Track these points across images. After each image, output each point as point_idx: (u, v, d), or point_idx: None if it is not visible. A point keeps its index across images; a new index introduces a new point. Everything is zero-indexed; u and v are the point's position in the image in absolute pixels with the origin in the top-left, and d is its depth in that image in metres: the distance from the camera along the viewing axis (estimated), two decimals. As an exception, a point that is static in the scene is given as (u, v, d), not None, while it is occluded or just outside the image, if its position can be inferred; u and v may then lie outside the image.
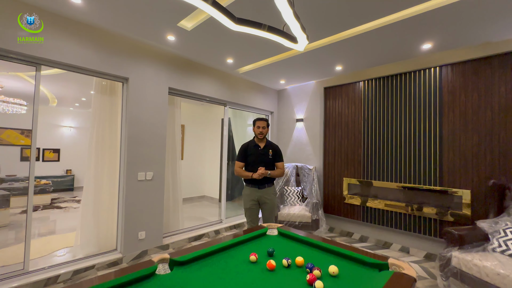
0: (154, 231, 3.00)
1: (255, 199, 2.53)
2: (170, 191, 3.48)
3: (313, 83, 4.30)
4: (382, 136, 3.44)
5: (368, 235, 3.56)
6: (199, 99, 3.67)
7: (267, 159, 2.56)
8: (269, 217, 2.61)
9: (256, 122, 2.59)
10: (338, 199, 3.87)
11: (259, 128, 2.56)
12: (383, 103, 3.45)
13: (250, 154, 2.57)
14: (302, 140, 4.42)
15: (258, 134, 2.56)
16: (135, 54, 2.86)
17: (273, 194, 2.61)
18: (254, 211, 2.56)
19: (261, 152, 2.56)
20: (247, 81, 4.29)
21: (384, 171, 3.39)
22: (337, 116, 3.96)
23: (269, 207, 2.56)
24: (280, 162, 2.63)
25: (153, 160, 3.00)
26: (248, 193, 2.57)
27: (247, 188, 2.59)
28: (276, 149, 2.64)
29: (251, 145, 2.60)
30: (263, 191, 2.54)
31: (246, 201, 2.57)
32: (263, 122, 2.58)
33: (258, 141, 2.61)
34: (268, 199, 2.55)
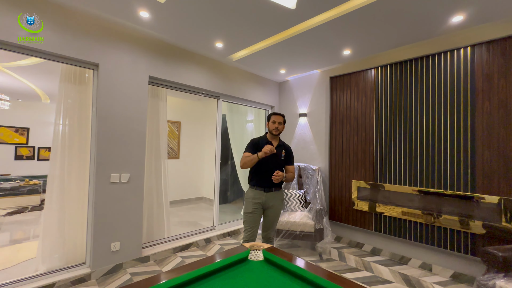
0: (130, 241, 2.60)
1: (259, 203, 2.19)
2: (154, 195, 3.09)
3: (317, 73, 3.81)
4: (399, 132, 2.92)
5: (382, 247, 3.05)
6: (188, 90, 3.25)
7: (279, 160, 2.26)
8: (270, 224, 2.27)
9: (272, 117, 2.30)
10: (346, 205, 3.38)
11: (274, 124, 2.26)
12: (400, 93, 2.93)
13: (259, 149, 2.20)
14: (305, 137, 3.94)
15: (273, 129, 2.26)
16: (106, 36, 2.46)
17: (280, 199, 2.30)
18: (256, 217, 2.20)
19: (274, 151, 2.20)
20: (244, 71, 3.85)
21: (402, 173, 2.88)
22: (345, 110, 3.45)
23: (273, 212, 2.25)
24: (292, 165, 2.34)
25: (130, 160, 2.60)
26: (252, 196, 2.23)
27: (251, 190, 2.26)
28: (289, 151, 2.37)
29: (263, 142, 2.26)
30: (270, 195, 2.22)
31: (248, 205, 2.21)
32: (280, 117, 2.29)
33: (271, 138, 2.31)
34: (274, 205, 2.23)
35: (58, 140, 2.41)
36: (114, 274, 2.45)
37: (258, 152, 2.12)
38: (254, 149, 2.23)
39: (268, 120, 2.31)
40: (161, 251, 2.85)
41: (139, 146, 2.68)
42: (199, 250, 3.09)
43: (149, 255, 2.74)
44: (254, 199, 2.20)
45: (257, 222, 2.19)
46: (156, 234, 3.06)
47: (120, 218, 2.53)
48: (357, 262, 2.86)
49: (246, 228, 2.18)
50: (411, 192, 2.78)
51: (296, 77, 4.09)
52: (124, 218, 2.56)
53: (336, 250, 3.16)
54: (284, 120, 2.31)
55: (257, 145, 2.25)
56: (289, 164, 2.32)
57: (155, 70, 2.82)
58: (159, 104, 3.14)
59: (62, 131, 2.43)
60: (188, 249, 3.10)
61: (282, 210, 2.34)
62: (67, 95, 2.46)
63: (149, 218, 3.03)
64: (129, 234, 2.59)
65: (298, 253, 3.05)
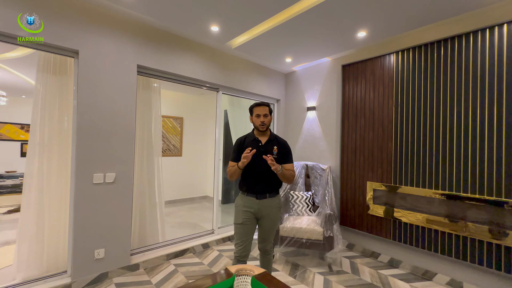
0: (117, 247, 2.36)
1: (251, 212, 1.85)
2: (146, 196, 2.83)
3: (327, 62, 3.42)
4: (423, 126, 2.51)
5: (401, 258, 2.66)
6: (182, 81, 2.96)
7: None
8: (267, 235, 1.92)
9: (254, 109, 1.91)
10: (359, 209, 3.00)
11: (259, 117, 1.87)
12: (424, 81, 2.51)
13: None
14: (314, 133, 3.57)
15: (259, 125, 1.87)
16: (86, 19, 2.19)
17: (276, 207, 1.91)
18: (247, 229, 1.85)
19: (263, 149, 1.85)
20: (246, 61, 3.51)
21: (426, 174, 2.47)
22: (359, 102, 3.05)
23: (268, 223, 1.89)
24: (289, 163, 1.90)
25: (115, 158, 2.34)
26: (241, 204, 1.89)
27: (241, 197, 1.92)
28: (284, 146, 1.93)
29: (249, 140, 1.92)
30: (263, 203, 1.85)
31: (238, 214, 1.88)
32: (264, 108, 1.88)
33: (258, 134, 1.93)
34: (268, 214, 1.88)
35: (36, 135, 2.18)
36: (98, 284, 2.21)
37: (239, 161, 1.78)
38: (239, 152, 1.87)
39: (251, 114, 1.92)
40: (153, 258, 2.59)
41: (127, 142, 2.42)
42: (195, 257, 2.82)
43: (138, 263, 2.49)
44: (244, 207, 1.85)
45: (249, 234, 1.85)
46: (149, 239, 2.81)
47: (105, 223, 2.28)
48: (372, 275, 2.49)
49: (237, 241, 1.85)
50: (435, 197, 2.37)
51: (303, 66, 3.71)
52: (110, 223, 2.31)
53: (348, 260, 2.80)
54: (270, 110, 1.90)
55: (242, 146, 1.90)
56: (286, 162, 1.88)
57: (144, 58, 2.53)
58: (151, 96, 2.87)
59: (40, 125, 2.20)
60: (184, 255, 2.83)
61: (279, 219, 1.98)
62: (46, 86, 2.22)
63: (141, 221, 2.78)
64: (115, 240, 2.34)
65: (305, 263, 2.72)
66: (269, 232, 1.90)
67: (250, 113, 1.94)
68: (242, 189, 1.90)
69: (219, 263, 2.68)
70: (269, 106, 1.91)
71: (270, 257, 1.99)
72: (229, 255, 2.87)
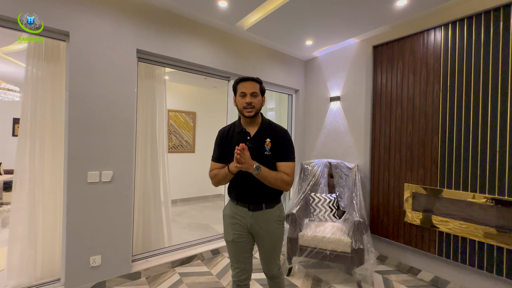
0: (116, 254, 2.12)
1: (242, 226, 1.39)
2: (150, 196, 2.58)
3: (354, 44, 2.94)
4: (482, 116, 1.99)
5: (449, 278, 2.18)
6: (189, 69, 2.65)
7: (262, 155, 1.35)
8: (268, 257, 1.46)
9: (238, 86, 1.39)
10: (394, 216, 2.54)
11: (244, 97, 1.36)
12: (481, 60, 1.99)
13: (233, 148, 1.32)
14: (338, 126, 3.13)
15: (245, 109, 1.35)
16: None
17: (276, 221, 1.41)
18: (241, 247, 1.40)
19: (251, 143, 1.36)
20: (260, 46, 3.14)
21: (486, 177, 1.96)
22: (394, 89, 2.57)
23: (268, 241, 1.41)
24: (287, 161, 1.37)
25: (112, 155, 2.09)
26: (229, 214, 1.43)
27: (230, 206, 1.46)
28: (280, 136, 1.40)
29: (233, 131, 1.44)
30: (258, 216, 1.38)
31: (226, 229, 1.44)
32: (252, 84, 1.37)
33: (245, 123, 1.42)
34: (267, 231, 1.39)
35: (26, 127, 1.98)
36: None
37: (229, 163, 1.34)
38: (222, 148, 1.43)
39: (234, 93, 1.42)
40: (156, 266, 2.33)
41: (126, 137, 2.16)
42: (203, 264, 2.53)
43: (140, 271, 2.24)
44: (233, 219, 1.40)
45: (245, 252, 1.41)
46: (153, 243, 2.56)
47: (102, 226, 2.04)
48: (413, 298, 2.05)
49: (232, 263, 1.44)
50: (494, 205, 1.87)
51: (326, 51, 3.26)
52: (107, 226, 2.07)
53: (380, 277, 2.36)
54: (261, 88, 1.40)
55: (225, 140, 1.42)
56: (282, 159, 1.36)
57: (144, 42, 2.25)
58: (155, 86, 2.60)
59: (31, 117, 1.99)
60: (191, 262, 2.55)
61: (282, 234, 1.47)
62: (37, 74, 2.00)
63: (144, 224, 2.53)
64: (114, 246, 2.10)
65: (328, 278, 2.32)
66: (270, 253, 1.45)
67: (234, 92, 1.43)
68: (231, 196, 1.44)
69: (228, 274, 2.37)
70: (260, 83, 1.40)
71: (280, 280, 1.54)
72: (241, 264, 2.54)
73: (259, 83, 1.41)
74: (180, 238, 3.06)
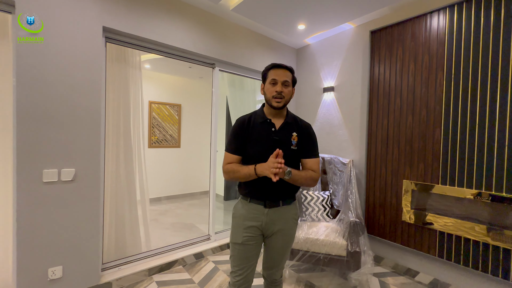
0: (82, 263, 1.84)
1: (256, 227, 1.24)
2: (124, 196, 2.30)
3: (350, 30, 2.72)
4: (490, 106, 1.82)
5: (448, 280, 2.04)
6: (168, 53, 2.36)
7: (288, 150, 1.22)
8: (277, 259, 1.33)
9: (269, 72, 1.25)
10: (392, 215, 2.37)
11: (275, 85, 1.22)
12: (493, 46, 1.81)
13: (254, 139, 1.23)
14: (331, 119, 2.92)
15: (274, 98, 1.21)
16: (28, -40, 1.60)
17: (292, 219, 1.30)
18: (250, 252, 1.25)
19: (277, 136, 1.23)
20: (248, 30, 2.86)
21: (493, 174, 1.80)
22: (393, 78, 2.37)
23: (280, 241, 1.28)
24: (314, 158, 1.27)
25: (74, 150, 1.79)
26: (242, 214, 1.27)
27: (242, 204, 1.29)
28: (307, 132, 1.30)
29: (257, 121, 1.27)
30: (274, 214, 1.24)
31: (236, 230, 1.27)
32: (285, 72, 1.23)
33: (270, 114, 1.27)
34: (282, 229, 1.26)
35: (-34, 119, 1.65)
36: (54, 311, 1.71)
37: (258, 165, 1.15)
38: (241, 139, 1.25)
39: (264, 80, 1.28)
40: (131, 274, 2.07)
41: (91, 129, 1.86)
42: (184, 270, 2.29)
43: (111, 281, 1.97)
44: (246, 220, 1.25)
45: (252, 259, 1.26)
46: (129, 249, 2.29)
47: (62, 233, 1.76)
48: (412, 305, 1.89)
49: (235, 269, 1.26)
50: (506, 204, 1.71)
51: (319, 38, 3.02)
52: (69, 232, 1.79)
53: (377, 280, 2.20)
54: (293, 78, 1.27)
55: (245, 131, 1.25)
56: (309, 155, 1.26)
57: (113, 19, 1.94)
58: (128, 72, 2.29)
59: (-28, 107, 1.67)
60: (171, 268, 2.30)
61: (295, 236, 1.38)
62: (-22, 54, 1.67)
63: (118, 227, 2.26)
64: (78, 254, 1.83)
65: (322, 283, 2.13)
66: (280, 255, 1.31)
67: (263, 79, 1.29)
68: (243, 192, 1.27)
69: (213, 281, 2.14)
70: (293, 72, 1.26)
71: (280, 287, 1.41)
72: (227, 269, 2.32)
73: (292, 72, 1.28)
74: (161, 240, 2.80)
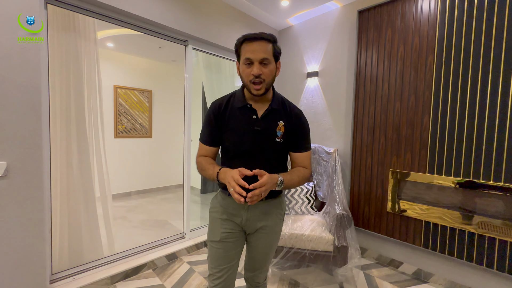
0: (23, 276, 1.50)
1: (235, 223, 1.06)
2: (79, 193, 1.94)
3: (337, 9, 2.53)
4: (481, 92, 1.74)
5: (433, 271, 2.01)
6: (131, 24, 1.99)
7: (272, 143, 1.01)
8: (261, 260, 1.14)
9: (242, 47, 0.97)
10: (377, 206, 2.29)
11: (250, 66, 0.95)
12: (487, 30, 1.72)
13: (231, 128, 1.02)
14: (315, 106, 2.76)
15: (251, 81, 0.95)
16: None
17: (277, 214, 1.10)
18: (230, 250, 1.05)
19: (257, 125, 1.00)
20: (226, 5, 2.55)
21: (482, 162, 1.74)
22: (381, 63, 2.24)
23: (264, 240, 1.10)
24: (305, 151, 1.08)
25: (4, 138, 1.42)
26: (220, 209, 1.08)
27: (220, 197, 1.10)
28: (298, 120, 1.07)
29: (235, 106, 1.04)
30: (256, 210, 1.04)
31: (214, 226, 1.08)
32: (261, 44, 0.94)
33: (251, 97, 1.03)
34: (265, 226, 1.07)
35: None
36: None
37: (219, 167, 0.98)
38: (214, 127, 1.04)
39: (238, 58, 1.01)
40: (89, 284, 1.76)
41: (27, 112, 1.49)
42: (154, 275, 2.02)
43: (63, 294, 1.66)
44: (224, 214, 1.05)
45: (233, 258, 1.05)
46: (86, 254, 1.96)
47: (-8, 242, 1.40)
48: (399, 298, 1.83)
49: (212, 271, 1.06)
50: (497, 193, 1.67)
51: (303, 18, 2.80)
52: (3, 240, 1.43)
53: (362, 273, 2.12)
54: (275, 50, 0.97)
55: (219, 119, 1.03)
56: (300, 149, 1.07)
57: (53, -28, 1.54)
58: (78, 45, 1.89)
59: None
60: (138, 273, 2.03)
61: (280, 234, 1.17)
62: None
63: (72, 231, 1.91)
64: (18, 265, 1.48)
65: (307, 281, 2.00)
66: (264, 255, 1.12)
67: (237, 57, 1.02)
68: (222, 185, 1.03)
69: (187, 285, 1.90)
70: (273, 42, 0.97)
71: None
72: (203, 270, 2.10)
73: (272, 42, 0.97)
74: (129, 241, 2.49)
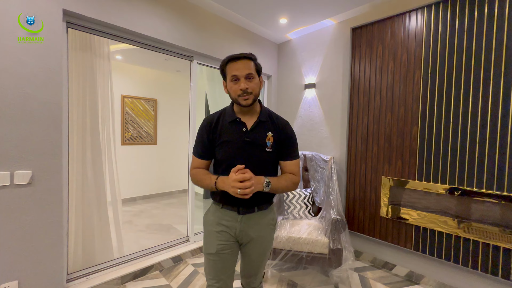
0: (42, 276, 1.64)
1: (229, 235, 1.13)
2: (92, 198, 2.09)
3: (332, 26, 2.71)
4: (463, 106, 1.89)
5: (424, 273, 2.12)
6: (141, 43, 2.17)
7: (262, 153, 1.11)
8: (254, 267, 1.23)
9: (227, 67, 1.09)
10: (371, 211, 2.41)
11: (237, 82, 1.07)
12: (467, 47, 1.87)
13: (224, 141, 1.12)
14: (313, 116, 2.91)
15: (240, 96, 1.07)
16: None
17: (269, 225, 1.20)
18: (225, 261, 1.14)
19: (248, 137, 1.10)
20: (228, 23, 2.74)
21: (466, 169, 1.88)
22: (373, 76, 2.39)
23: (256, 249, 1.18)
24: (293, 159, 1.17)
25: (30, 148, 1.58)
26: (214, 221, 1.15)
27: (214, 210, 1.18)
28: (284, 130, 1.16)
29: (226, 120, 1.14)
30: (248, 221, 1.13)
31: (209, 239, 1.16)
32: (244, 63, 1.06)
33: (240, 111, 1.14)
34: (258, 237, 1.16)
35: None
36: (8, 332, 1.51)
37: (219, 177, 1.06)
38: (207, 142, 1.14)
39: (224, 77, 1.12)
40: (101, 284, 1.90)
41: (50, 125, 1.65)
42: (161, 276, 2.16)
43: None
44: (219, 226, 1.13)
45: (228, 269, 1.16)
46: (98, 256, 2.10)
47: (16, 243, 1.55)
48: (391, 298, 1.94)
49: (211, 282, 1.15)
50: (489, 200, 1.80)
51: (301, 33, 2.98)
52: (25, 242, 1.58)
53: (357, 275, 2.23)
54: (256, 66, 1.10)
55: (212, 133, 1.13)
56: (288, 157, 1.15)
57: (75, 1, 1.72)
58: (95, 62, 2.07)
59: None
60: (146, 274, 2.16)
61: (272, 242, 1.25)
62: None
63: (86, 233, 2.06)
64: (37, 266, 1.63)
65: (304, 282, 2.12)
66: (258, 263, 1.23)
67: (223, 76, 1.13)
68: (215, 197, 1.17)
69: (192, 285, 2.04)
70: (254, 60, 1.09)
71: None
72: (207, 271, 2.22)
73: (254, 60, 1.10)
74: (136, 244, 2.63)
